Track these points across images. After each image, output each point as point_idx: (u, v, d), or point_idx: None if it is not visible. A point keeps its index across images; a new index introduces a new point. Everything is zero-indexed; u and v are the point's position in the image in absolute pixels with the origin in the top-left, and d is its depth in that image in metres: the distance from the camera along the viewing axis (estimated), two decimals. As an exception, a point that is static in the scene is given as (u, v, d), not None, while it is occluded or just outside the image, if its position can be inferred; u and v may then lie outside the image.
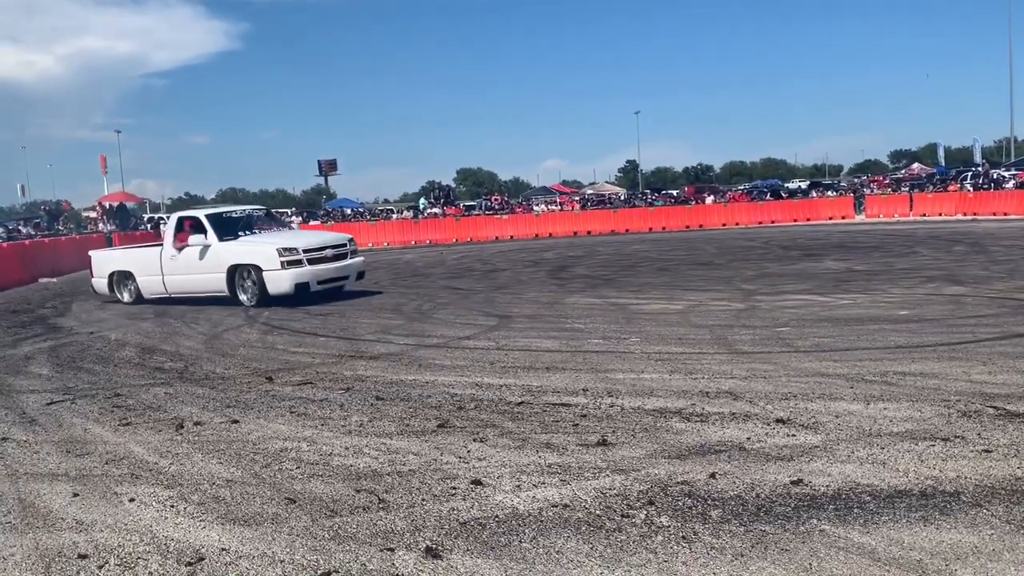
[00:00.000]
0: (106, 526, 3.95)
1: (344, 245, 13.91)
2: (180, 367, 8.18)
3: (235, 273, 13.11)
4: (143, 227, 42.81)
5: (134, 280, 14.58)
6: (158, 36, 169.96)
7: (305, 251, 12.96)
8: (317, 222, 43.45)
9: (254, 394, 6.71)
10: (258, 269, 12.82)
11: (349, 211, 54.73)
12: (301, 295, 12.78)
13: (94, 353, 9.33)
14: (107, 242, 31.19)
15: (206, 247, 13.34)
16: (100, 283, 15.20)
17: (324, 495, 4.21)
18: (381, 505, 4.03)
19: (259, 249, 13.00)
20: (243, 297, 13.06)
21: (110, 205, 43.11)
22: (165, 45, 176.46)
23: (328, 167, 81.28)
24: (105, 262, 15.24)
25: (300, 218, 48.95)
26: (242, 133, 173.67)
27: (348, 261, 13.84)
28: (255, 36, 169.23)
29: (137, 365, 8.46)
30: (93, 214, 48.29)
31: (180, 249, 13.62)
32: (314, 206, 71.19)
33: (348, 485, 4.34)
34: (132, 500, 4.30)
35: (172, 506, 4.18)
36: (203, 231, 13.49)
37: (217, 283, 13.28)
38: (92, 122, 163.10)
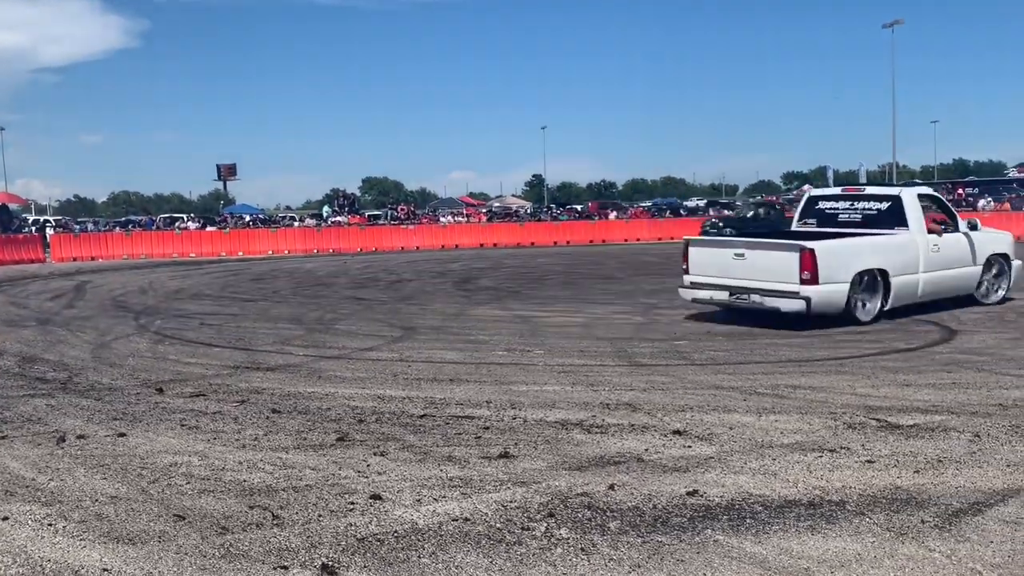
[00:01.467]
0: (-25, 548, 3.69)
1: None
2: (64, 377, 7.77)
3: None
4: (27, 230, 40.66)
5: (888, 283, 9.86)
6: (50, 30, 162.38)
7: None
8: (214, 228, 42.13)
9: (143, 406, 6.43)
10: (1007, 258, 11.40)
11: (248, 217, 53.30)
12: None
13: (-32, 362, 8.76)
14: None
15: (967, 235, 10.88)
16: (832, 292, 9.39)
17: (215, 512, 4.05)
18: (275, 521, 3.91)
19: (1001, 237, 11.64)
20: (978, 293, 11.18)
21: (-10, 206, 40.75)
22: (57, 39, 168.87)
23: (227, 172, 78.87)
24: (848, 256, 9.71)
25: (197, 224, 47.45)
26: (137, 134, 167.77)
27: None
28: (154, 34, 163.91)
29: (16, 375, 7.98)
30: (-29, 214, 45.46)
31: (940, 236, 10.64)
32: (212, 211, 69.02)
33: (241, 501, 4.20)
34: (5, 519, 4.03)
35: (50, 525, 3.94)
36: (949, 213, 11.11)
37: (970, 280, 11.00)
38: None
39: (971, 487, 4.13)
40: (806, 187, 73.99)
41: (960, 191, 48.49)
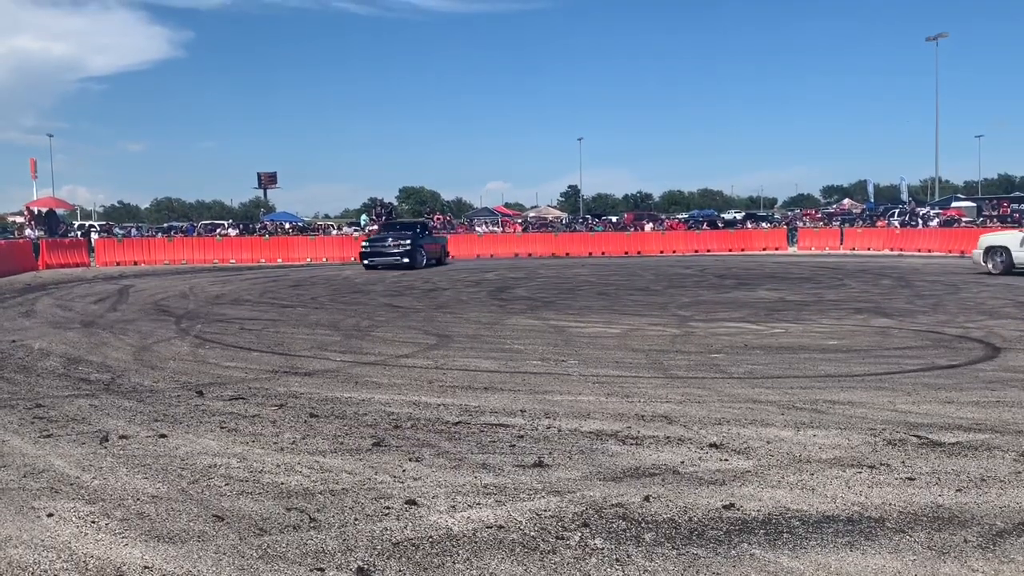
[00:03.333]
0: (21, 542, 3.78)
1: None
2: (107, 379, 7.92)
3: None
4: (72, 234, 41.52)
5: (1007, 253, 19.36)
6: (97, 40, 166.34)
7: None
8: (254, 235, 42.69)
9: (183, 408, 6.53)
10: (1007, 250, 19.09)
11: (288, 225, 54.01)
12: None
13: (15, 362, 8.98)
14: (34, 249, 30.11)
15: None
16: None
17: (253, 513, 4.11)
18: (312, 524, 3.95)
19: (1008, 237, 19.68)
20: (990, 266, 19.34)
21: (39, 211, 41.67)
22: (104, 50, 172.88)
23: (267, 180, 79.86)
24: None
25: (237, 230, 48.15)
26: (180, 142, 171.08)
27: None
28: (198, 45, 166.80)
29: (61, 376, 8.16)
30: (20, 219, 46.61)
31: None
32: (252, 219, 70.00)
33: (278, 503, 4.25)
34: (51, 515, 4.13)
35: (93, 522, 4.03)
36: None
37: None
38: (23, 124, 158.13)
39: (1016, 507, 4.04)
40: (846, 201, 73.03)
41: (1005, 207, 47.55)
